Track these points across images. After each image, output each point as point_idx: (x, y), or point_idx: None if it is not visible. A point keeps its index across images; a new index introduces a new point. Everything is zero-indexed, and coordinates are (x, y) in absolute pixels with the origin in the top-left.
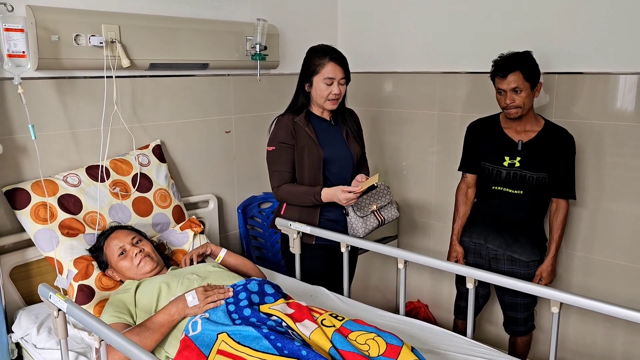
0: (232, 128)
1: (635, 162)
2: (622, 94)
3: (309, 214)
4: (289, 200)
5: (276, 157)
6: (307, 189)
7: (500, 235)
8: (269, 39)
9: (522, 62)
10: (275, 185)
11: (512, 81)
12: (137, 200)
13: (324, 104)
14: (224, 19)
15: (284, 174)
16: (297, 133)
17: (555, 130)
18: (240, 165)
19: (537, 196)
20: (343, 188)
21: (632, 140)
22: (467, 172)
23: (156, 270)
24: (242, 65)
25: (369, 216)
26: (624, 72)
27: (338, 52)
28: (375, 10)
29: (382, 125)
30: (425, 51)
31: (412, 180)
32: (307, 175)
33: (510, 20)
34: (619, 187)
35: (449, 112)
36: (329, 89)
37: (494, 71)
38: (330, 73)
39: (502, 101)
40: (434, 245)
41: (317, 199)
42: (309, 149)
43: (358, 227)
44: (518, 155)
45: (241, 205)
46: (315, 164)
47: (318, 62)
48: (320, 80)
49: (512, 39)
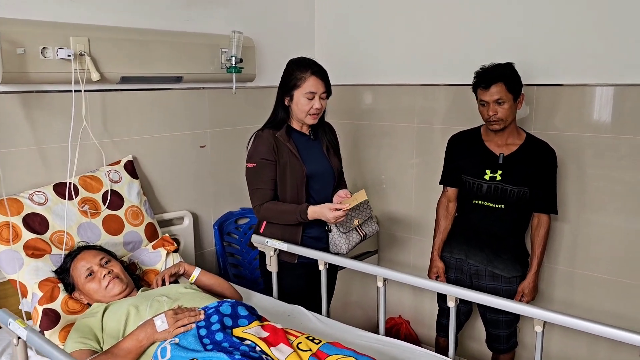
0: (207, 142)
1: (615, 174)
2: (599, 106)
3: (292, 231)
4: (273, 219)
5: (257, 175)
6: (291, 207)
7: (481, 250)
8: (245, 51)
9: (505, 73)
10: (258, 204)
11: (495, 92)
12: (108, 218)
13: (305, 119)
14: (199, 31)
15: (266, 192)
16: (278, 149)
17: (537, 143)
18: (216, 181)
19: (519, 211)
20: (330, 206)
21: (610, 152)
22: (448, 186)
23: (125, 292)
24: (217, 78)
25: (352, 232)
26: (601, 84)
27: (319, 65)
28: (353, 21)
29: (362, 138)
30: (405, 63)
31: (392, 194)
32: (289, 193)
33: (490, 32)
34: (600, 199)
35: (429, 125)
36: (311, 103)
37: (476, 82)
38: (312, 87)
39: (484, 113)
40: (414, 259)
41: (302, 218)
42: (291, 165)
43: (341, 243)
44: (499, 168)
45: (217, 221)
46: (298, 180)
47: (299, 76)
48: (302, 95)
49: (492, 50)
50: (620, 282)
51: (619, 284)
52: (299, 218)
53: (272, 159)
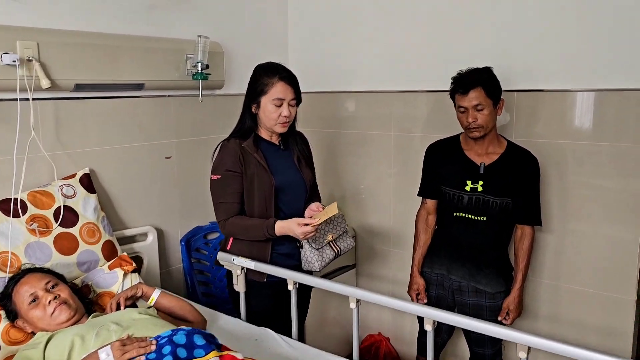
0: (173, 153)
1: (597, 181)
2: (580, 112)
3: (260, 248)
4: (239, 235)
5: (222, 187)
6: (258, 222)
7: (463, 265)
8: (212, 57)
9: (483, 77)
10: (222, 219)
11: (474, 98)
12: (60, 237)
13: (274, 127)
14: (162, 36)
15: (232, 206)
16: (245, 160)
17: (519, 152)
18: (183, 193)
19: (502, 222)
20: (299, 221)
21: (591, 159)
22: (427, 198)
23: (74, 320)
24: (182, 85)
25: (325, 248)
26: (582, 89)
27: (288, 70)
28: (328, 26)
29: (338, 147)
30: (383, 69)
31: (370, 205)
32: (257, 206)
33: (469, 37)
34: (583, 208)
35: (408, 133)
36: (279, 110)
37: (453, 88)
38: (280, 93)
39: (464, 120)
40: (394, 273)
41: (270, 233)
42: (259, 177)
43: (314, 260)
44: (480, 179)
45: (185, 236)
46: (267, 193)
47: (266, 82)
48: (269, 101)
49: (472, 56)
50: (607, 296)
51: (605, 298)
52: (266, 234)
53: (238, 171)
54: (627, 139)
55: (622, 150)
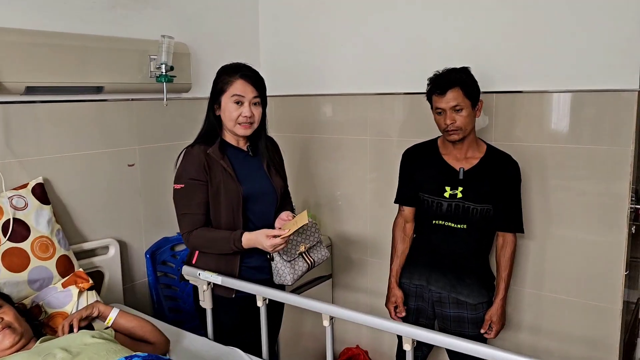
0: (136, 160)
1: (578, 185)
2: (557, 114)
3: (228, 262)
4: (204, 248)
5: (186, 197)
6: (224, 235)
7: (443, 275)
8: (178, 58)
9: (460, 77)
10: (186, 231)
11: (452, 99)
12: (9, 252)
13: (234, 128)
14: (123, 36)
15: (197, 217)
16: (210, 167)
17: (499, 156)
18: (148, 203)
19: (482, 230)
20: (268, 232)
21: (571, 162)
22: (404, 205)
23: (19, 345)
24: (146, 88)
25: (297, 259)
26: (558, 90)
27: (252, 69)
28: (301, 26)
29: (312, 152)
30: (358, 71)
31: (346, 213)
32: (224, 217)
33: (446, 38)
34: (566, 212)
35: (385, 137)
36: (239, 110)
37: (430, 89)
38: (239, 90)
39: (441, 122)
40: (371, 284)
41: (237, 246)
42: (225, 185)
43: (285, 273)
44: (460, 185)
45: (150, 249)
46: (234, 202)
47: (226, 80)
48: (229, 100)
49: (449, 56)
50: (592, 305)
51: (590, 307)
52: (233, 247)
53: (203, 179)
54: (605, 141)
55: (600, 152)
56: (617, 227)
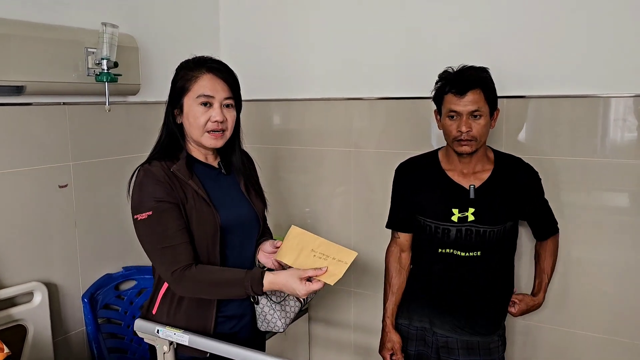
0: (69, 180)
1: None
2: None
3: (200, 312)
4: (203, 293)
5: (160, 226)
6: (235, 275)
7: (451, 315)
8: (124, 53)
9: (483, 77)
10: (177, 268)
11: (472, 102)
12: None
13: (202, 138)
14: (53, 23)
15: (184, 248)
16: (176, 188)
17: (511, 163)
18: (86, 233)
19: (502, 253)
20: (301, 273)
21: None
22: (400, 231)
23: None
24: (82, 89)
25: (288, 299)
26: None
27: (220, 62)
28: (267, 22)
29: (283, 166)
30: (335, 72)
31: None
32: (198, 253)
33: (443, 34)
34: (586, 232)
35: (363, 149)
36: (207, 113)
37: (442, 87)
38: (206, 89)
39: (453, 129)
40: (356, 318)
41: (255, 291)
42: (198, 212)
43: (275, 318)
44: (470, 205)
45: (88, 291)
46: (209, 234)
47: (189, 76)
48: (193, 101)
49: (445, 56)
50: (629, 344)
51: (627, 347)
52: (250, 291)
53: (174, 201)
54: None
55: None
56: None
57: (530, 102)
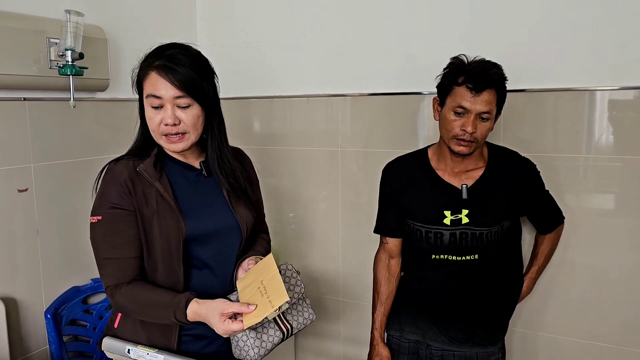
0: (30, 184)
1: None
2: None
3: (162, 327)
4: (135, 313)
5: (107, 234)
6: (165, 298)
7: (447, 326)
8: (91, 45)
9: (500, 77)
10: (112, 284)
11: (486, 102)
12: None
13: (160, 142)
14: (11, 10)
15: (126, 263)
16: (137, 190)
17: (505, 158)
18: (49, 242)
19: (502, 256)
20: (224, 309)
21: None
22: (388, 236)
23: None
24: (44, 83)
25: (268, 327)
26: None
27: (174, 55)
28: (247, 14)
29: (266, 168)
30: (321, 67)
31: (311, 242)
32: (160, 265)
33: (428, 28)
34: (588, 235)
35: (349, 148)
36: (159, 115)
37: (456, 76)
38: (154, 88)
39: (456, 126)
40: (345, 330)
41: (179, 319)
42: (160, 219)
43: (248, 346)
44: (463, 206)
45: (52, 305)
46: (173, 245)
47: (140, 72)
48: (145, 101)
49: (431, 50)
50: (631, 352)
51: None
52: (173, 319)
53: (129, 208)
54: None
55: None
56: None
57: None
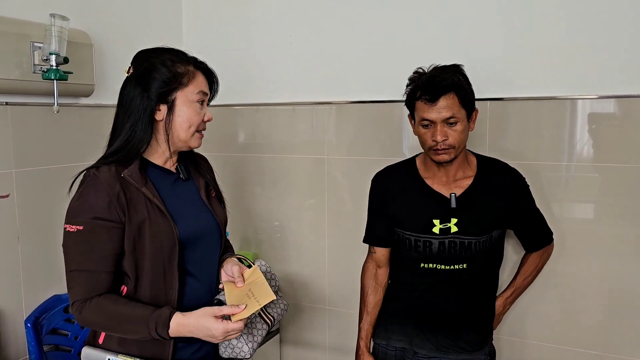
0: (11, 190)
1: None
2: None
3: (156, 340)
4: (105, 328)
5: (84, 245)
6: (140, 312)
7: (435, 333)
8: (76, 50)
9: (456, 80)
10: (78, 299)
11: (445, 108)
12: None
13: (190, 139)
14: None
15: (100, 277)
16: (128, 199)
17: (494, 168)
18: (30, 249)
19: (489, 265)
20: (215, 311)
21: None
22: (377, 246)
23: None
24: (27, 88)
25: (255, 321)
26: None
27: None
28: (233, 20)
29: (246, 174)
30: (303, 76)
31: (295, 250)
32: (149, 274)
33: (411, 35)
34: (575, 242)
35: (335, 156)
36: (202, 112)
37: (412, 93)
38: (205, 86)
39: (428, 139)
40: (331, 338)
41: (160, 333)
42: (153, 225)
43: (242, 343)
44: (452, 215)
45: (32, 314)
46: (166, 250)
47: (185, 70)
48: (190, 97)
49: (415, 57)
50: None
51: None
52: (154, 333)
53: (116, 220)
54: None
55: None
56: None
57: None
